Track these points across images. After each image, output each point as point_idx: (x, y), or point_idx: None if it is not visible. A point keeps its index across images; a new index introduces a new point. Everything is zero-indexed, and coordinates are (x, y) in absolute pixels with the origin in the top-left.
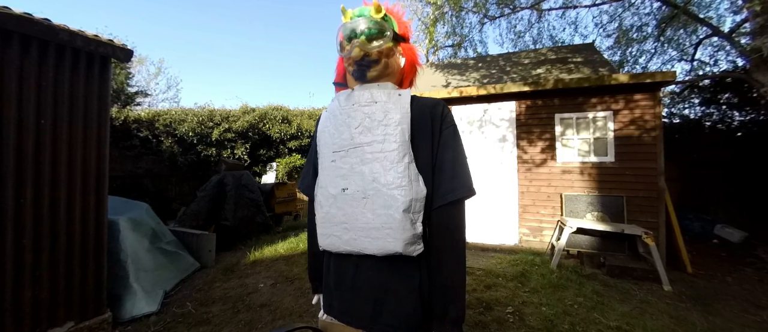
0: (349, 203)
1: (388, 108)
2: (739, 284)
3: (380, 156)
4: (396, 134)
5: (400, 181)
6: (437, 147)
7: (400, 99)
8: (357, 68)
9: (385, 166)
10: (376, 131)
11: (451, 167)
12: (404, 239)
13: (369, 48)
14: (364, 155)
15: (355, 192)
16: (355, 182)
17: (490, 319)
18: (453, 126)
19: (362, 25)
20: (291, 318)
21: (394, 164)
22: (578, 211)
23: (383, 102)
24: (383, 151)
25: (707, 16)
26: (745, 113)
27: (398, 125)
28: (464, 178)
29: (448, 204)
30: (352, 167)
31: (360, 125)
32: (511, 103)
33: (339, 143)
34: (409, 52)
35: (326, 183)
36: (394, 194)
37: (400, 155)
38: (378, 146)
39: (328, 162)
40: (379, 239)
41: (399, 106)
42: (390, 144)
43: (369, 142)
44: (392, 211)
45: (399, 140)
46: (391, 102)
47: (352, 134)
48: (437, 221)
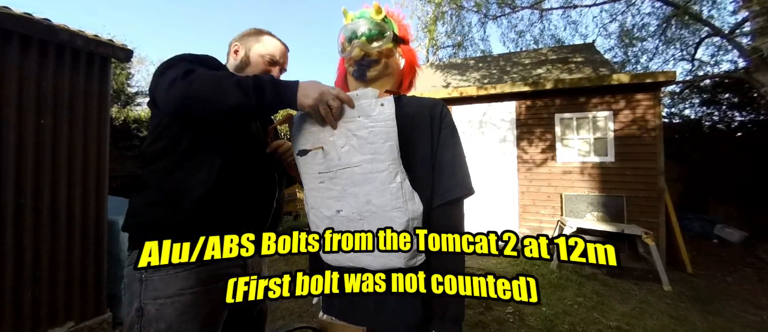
0: (345, 224)
1: (371, 124)
2: (739, 284)
3: (371, 177)
4: (384, 153)
5: (396, 202)
6: (436, 147)
7: (384, 110)
8: (357, 68)
9: (378, 187)
10: (363, 150)
11: (450, 166)
12: (406, 257)
13: (369, 49)
14: (353, 176)
15: (351, 214)
16: (349, 204)
17: (490, 319)
18: (452, 126)
19: (363, 26)
20: (291, 318)
21: (387, 185)
22: (578, 211)
23: (365, 118)
24: (373, 172)
25: (709, 16)
26: (745, 113)
27: (385, 142)
28: (463, 177)
29: (448, 203)
30: (343, 188)
31: (346, 145)
32: (512, 103)
33: (325, 164)
34: (409, 54)
35: (318, 204)
36: (391, 216)
37: (391, 175)
38: (368, 167)
39: (315, 183)
40: (382, 257)
41: (383, 119)
42: (379, 164)
43: (358, 162)
44: (395, 224)
45: (389, 159)
46: (373, 116)
47: (339, 154)
48: (437, 220)
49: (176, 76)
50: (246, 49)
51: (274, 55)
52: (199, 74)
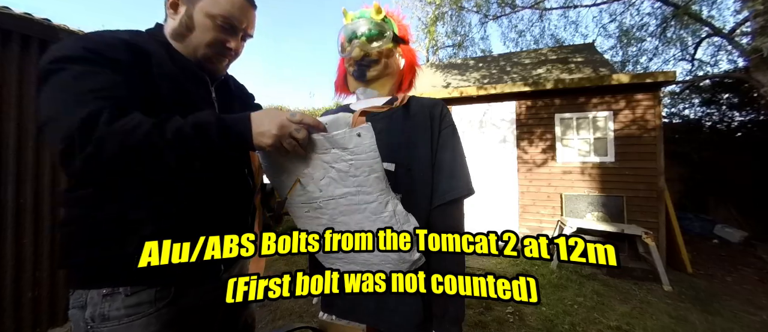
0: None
1: (351, 157)
2: (739, 284)
3: (360, 207)
4: (370, 185)
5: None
6: (436, 147)
7: (362, 141)
8: (357, 68)
9: (369, 217)
10: (346, 183)
11: (449, 166)
12: (407, 266)
13: (369, 49)
14: (340, 207)
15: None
16: (341, 228)
17: (490, 319)
18: (452, 126)
19: (363, 26)
20: (291, 318)
21: (379, 215)
22: (578, 211)
23: (340, 150)
24: (361, 203)
25: (709, 16)
26: (745, 113)
27: (369, 175)
28: (463, 177)
29: (447, 203)
30: (331, 217)
31: (325, 178)
32: (512, 103)
33: (306, 195)
34: (409, 54)
35: (310, 229)
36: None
37: (381, 205)
38: (354, 198)
39: (302, 212)
40: (383, 267)
41: (363, 151)
42: (366, 196)
43: (342, 194)
44: (389, 252)
45: (376, 190)
46: (351, 148)
47: (319, 186)
48: (436, 220)
49: (71, 127)
50: (188, 5)
51: (230, 15)
52: (109, 132)
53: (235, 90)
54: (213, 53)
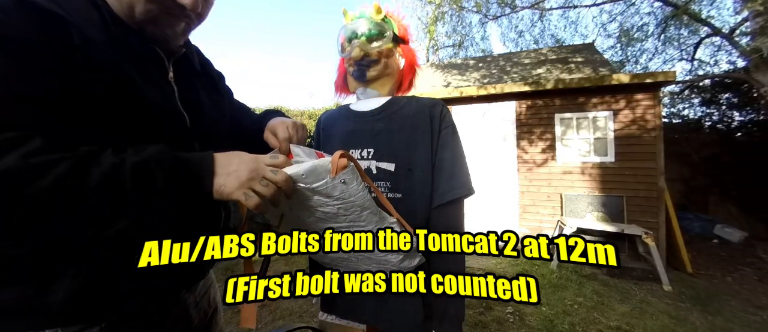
0: (340, 255)
1: (338, 203)
2: (739, 284)
3: (358, 234)
4: (364, 219)
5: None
6: (436, 147)
7: (348, 188)
8: (357, 68)
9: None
10: (338, 221)
11: (449, 166)
12: (408, 271)
13: (369, 48)
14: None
15: (342, 254)
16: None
17: (490, 319)
18: (451, 126)
19: (363, 26)
20: (291, 318)
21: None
22: (578, 211)
23: (323, 197)
24: (359, 230)
25: (709, 16)
26: (745, 113)
27: (362, 212)
28: (463, 177)
29: (447, 203)
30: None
31: (312, 217)
32: (512, 103)
33: (294, 224)
34: (409, 54)
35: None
36: (387, 258)
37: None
38: (350, 226)
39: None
40: (383, 268)
41: (351, 194)
42: (361, 228)
43: (337, 227)
44: (389, 266)
45: (371, 223)
46: (336, 195)
47: (306, 223)
48: (436, 220)
49: None
50: None
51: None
52: (28, 168)
53: (200, 68)
54: (158, 11)
